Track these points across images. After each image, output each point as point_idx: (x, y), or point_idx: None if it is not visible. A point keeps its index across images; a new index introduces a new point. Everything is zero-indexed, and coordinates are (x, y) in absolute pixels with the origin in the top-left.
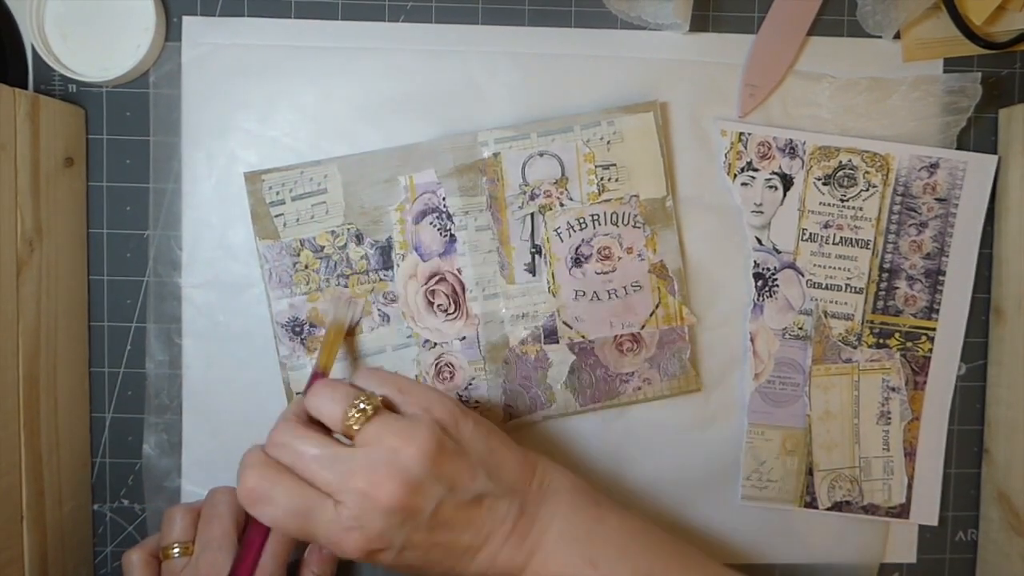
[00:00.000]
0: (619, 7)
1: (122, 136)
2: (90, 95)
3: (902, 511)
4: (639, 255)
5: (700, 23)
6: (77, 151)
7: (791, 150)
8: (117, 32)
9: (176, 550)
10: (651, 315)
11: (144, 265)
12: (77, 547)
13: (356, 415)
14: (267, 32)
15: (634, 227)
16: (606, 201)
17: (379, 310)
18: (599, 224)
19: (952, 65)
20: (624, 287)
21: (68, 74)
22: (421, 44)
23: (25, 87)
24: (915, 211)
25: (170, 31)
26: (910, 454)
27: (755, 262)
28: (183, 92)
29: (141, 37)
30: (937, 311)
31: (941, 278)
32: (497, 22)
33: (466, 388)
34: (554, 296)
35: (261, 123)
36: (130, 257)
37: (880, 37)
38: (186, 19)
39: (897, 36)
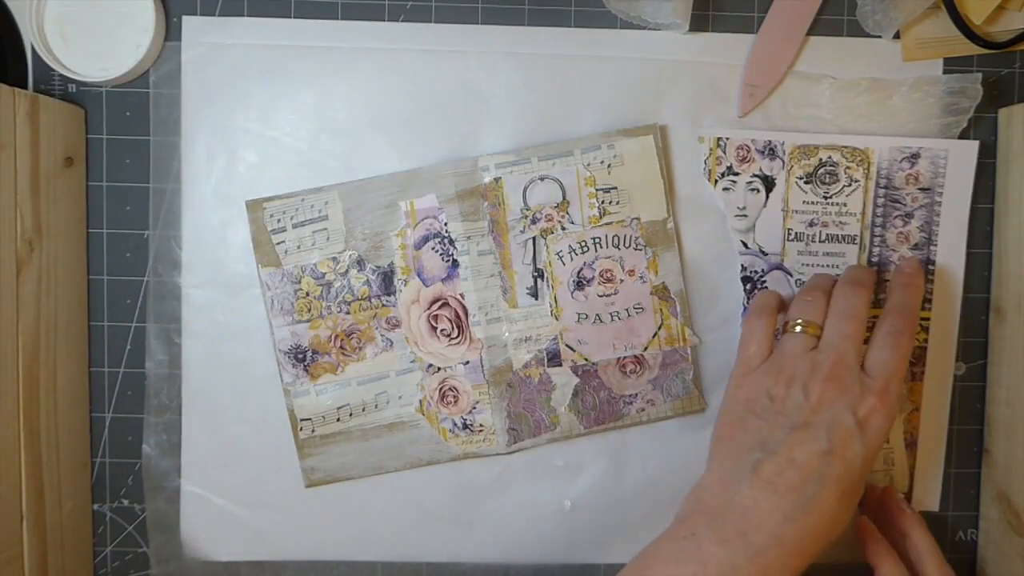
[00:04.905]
0: (619, 7)
1: (122, 136)
2: (90, 95)
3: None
4: (641, 277)
5: (700, 23)
6: (77, 151)
7: (770, 151)
8: (117, 32)
9: (799, 326)
10: (654, 337)
11: (144, 265)
12: (77, 547)
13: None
14: (267, 32)
15: (636, 250)
16: (607, 224)
17: (382, 335)
18: (600, 247)
19: (952, 65)
20: (626, 309)
21: (68, 74)
22: (421, 44)
23: (25, 87)
24: (899, 202)
25: (170, 31)
26: (911, 444)
27: (742, 266)
28: (183, 92)
29: (141, 37)
30: (930, 300)
31: (931, 267)
32: (497, 22)
33: (470, 412)
34: (557, 319)
35: (261, 123)
36: (130, 257)
37: (880, 37)
38: (186, 19)
39: (897, 36)
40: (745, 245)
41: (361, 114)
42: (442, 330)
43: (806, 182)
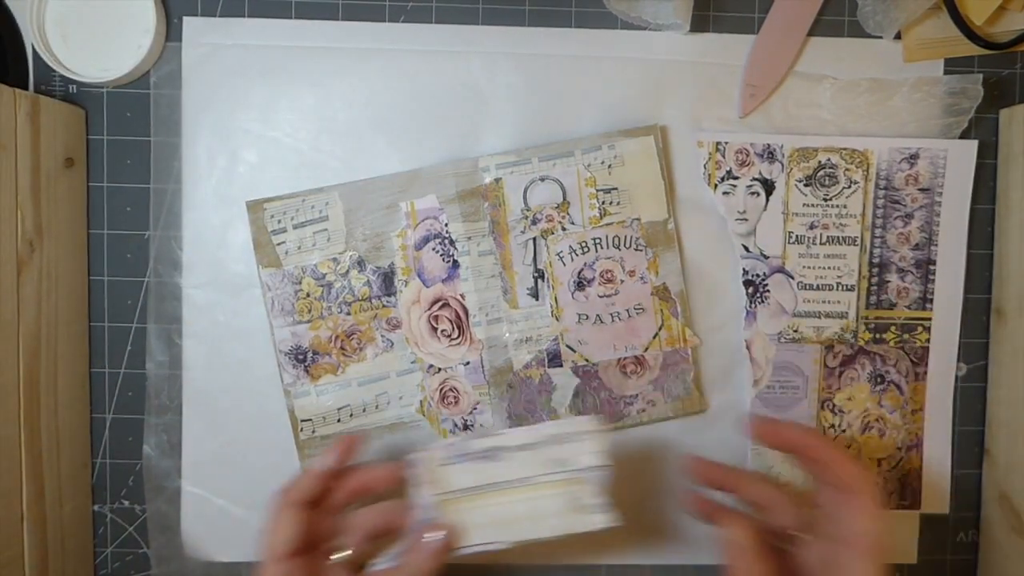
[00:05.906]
0: (619, 7)
1: (123, 136)
2: (91, 95)
3: (912, 503)
4: (641, 278)
5: (700, 23)
6: (77, 151)
7: (769, 154)
8: (118, 33)
9: None
10: (654, 337)
11: (145, 265)
12: (77, 548)
13: None
14: (268, 32)
15: (636, 250)
16: (608, 225)
17: (383, 336)
18: (601, 248)
19: (953, 65)
20: (627, 310)
21: (68, 75)
22: (421, 44)
23: (26, 88)
24: (899, 203)
25: (171, 32)
26: (916, 446)
27: (744, 269)
28: (184, 92)
29: (142, 38)
30: (931, 300)
31: (932, 267)
32: (497, 22)
33: (471, 412)
34: (557, 320)
35: (262, 123)
36: (130, 257)
37: (881, 37)
38: (187, 20)
39: (898, 37)
40: (746, 249)
41: (361, 114)
42: (443, 331)
43: (806, 184)
